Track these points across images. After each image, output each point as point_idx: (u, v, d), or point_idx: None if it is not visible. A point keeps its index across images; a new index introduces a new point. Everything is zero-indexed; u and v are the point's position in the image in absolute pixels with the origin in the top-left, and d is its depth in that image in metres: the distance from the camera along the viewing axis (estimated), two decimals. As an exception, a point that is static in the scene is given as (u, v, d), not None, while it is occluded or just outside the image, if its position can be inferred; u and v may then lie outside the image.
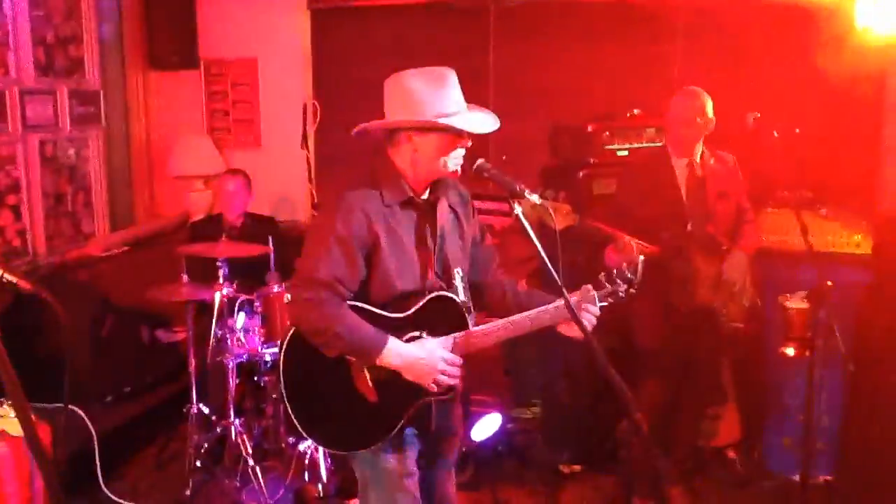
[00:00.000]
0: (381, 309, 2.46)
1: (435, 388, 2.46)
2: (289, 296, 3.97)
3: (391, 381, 2.45)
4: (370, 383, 2.47)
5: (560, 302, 2.45)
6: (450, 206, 2.62)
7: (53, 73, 4.93)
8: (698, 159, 3.72)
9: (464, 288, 2.58)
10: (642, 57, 5.17)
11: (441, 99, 2.41)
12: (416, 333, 2.48)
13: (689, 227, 3.67)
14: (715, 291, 3.68)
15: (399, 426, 2.50)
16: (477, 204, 2.77)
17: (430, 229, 2.54)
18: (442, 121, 2.38)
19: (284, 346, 2.49)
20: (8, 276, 1.77)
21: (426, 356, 2.44)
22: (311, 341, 2.42)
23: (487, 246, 2.79)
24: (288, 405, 2.49)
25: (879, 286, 3.82)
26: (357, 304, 2.43)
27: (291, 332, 2.49)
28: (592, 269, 2.73)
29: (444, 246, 2.56)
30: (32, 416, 1.79)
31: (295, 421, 2.49)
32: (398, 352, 2.41)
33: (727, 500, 4.06)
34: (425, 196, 2.54)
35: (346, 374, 2.48)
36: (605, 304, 2.57)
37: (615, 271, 2.59)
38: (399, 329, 2.45)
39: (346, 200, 2.42)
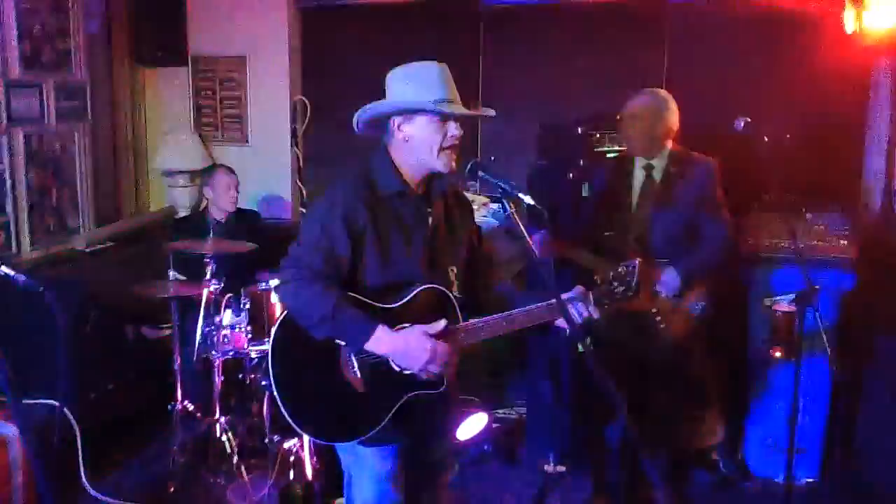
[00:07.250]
0: (370, 299, 2.44)
1: (425, 376, 2.42)
2: (276, 282, 3.97)
3: (380, 371, 2.42)
4: (358, 372, 2.43)
5: (553, 301, 2.44)
6: (446, 205, 2.62)
7: (40, 66, 4.87)
8: (661, 164, 3.57)
9: (458, 285, 2.56)
10: (630, 61, 5.19)
11: (424, 86, 2.42)
12: (407, 325, 2.44)
13: (630, 236, 3.56)
14: (651, 301, 3.50)
15: (385, 420, 2.46)
16: None
17: (423, 224, 2.53)
18: (425, 105, 2.39)
19: (275, 329, 2.47)
20: (5, 270, 1.76)
21: (416, 342, 2.39)
22: (299, 322, 2.40)
23: (482, 251, 2.77)
24: (275, 389, 2.44)
25: (864, 289, 3.85)
26: (346, 293, 2.41)
27: (282, 315, 2.47)
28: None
29: (436, 241, 2.55)
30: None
31: (280, 406, 2.43)
32: (388, 338, 2.38)
33: (710, 502, 4.07)
34: (420, 192, 2.54)
35: (335, 361, 2.45)
36: (603, 303, 2.54)
37: (611, 273, 2.56)
38: (388, 320, 2.41)
39: (337, 188, 2.48)
